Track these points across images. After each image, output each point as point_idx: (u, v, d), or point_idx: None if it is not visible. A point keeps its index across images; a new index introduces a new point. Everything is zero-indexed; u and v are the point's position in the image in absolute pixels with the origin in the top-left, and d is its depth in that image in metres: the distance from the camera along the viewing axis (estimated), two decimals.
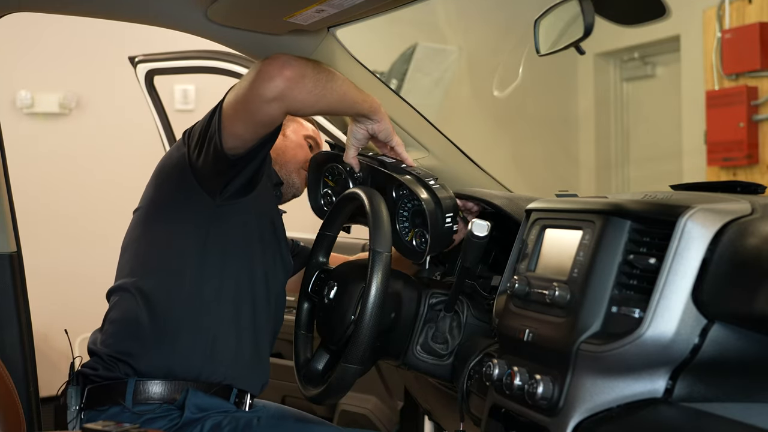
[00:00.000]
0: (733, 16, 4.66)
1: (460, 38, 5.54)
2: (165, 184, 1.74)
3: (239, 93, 1.54)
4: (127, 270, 1.72)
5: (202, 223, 1.68)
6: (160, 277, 1.67)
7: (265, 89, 1.48)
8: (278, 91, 1.48)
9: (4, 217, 1.91)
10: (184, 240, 1.69)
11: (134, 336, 1.64)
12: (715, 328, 1.02)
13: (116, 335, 1.66)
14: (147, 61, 2.83)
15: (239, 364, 1.69)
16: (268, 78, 1.48)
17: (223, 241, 1.69)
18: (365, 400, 2.51)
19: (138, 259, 1.72)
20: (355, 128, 1.71)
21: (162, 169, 1.77)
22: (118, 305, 1.69)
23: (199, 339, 1.65)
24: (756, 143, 4.58)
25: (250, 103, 1.52)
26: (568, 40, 1.55)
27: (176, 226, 1.70)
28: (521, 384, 1.20)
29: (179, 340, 1.64)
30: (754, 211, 1.07)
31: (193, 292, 1.66)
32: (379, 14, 1.80)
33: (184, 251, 1.68)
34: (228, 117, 1.57)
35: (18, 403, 1.61)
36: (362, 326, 1.42)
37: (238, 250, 1.71)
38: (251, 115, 1.53)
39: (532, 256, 1.32)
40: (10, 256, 1.88)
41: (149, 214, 1.75)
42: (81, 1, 1.87)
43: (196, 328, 1.65)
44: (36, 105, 4.33)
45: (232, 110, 1.56)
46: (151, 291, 1.66)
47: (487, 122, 5.62)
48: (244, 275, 1.71)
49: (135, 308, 1.65)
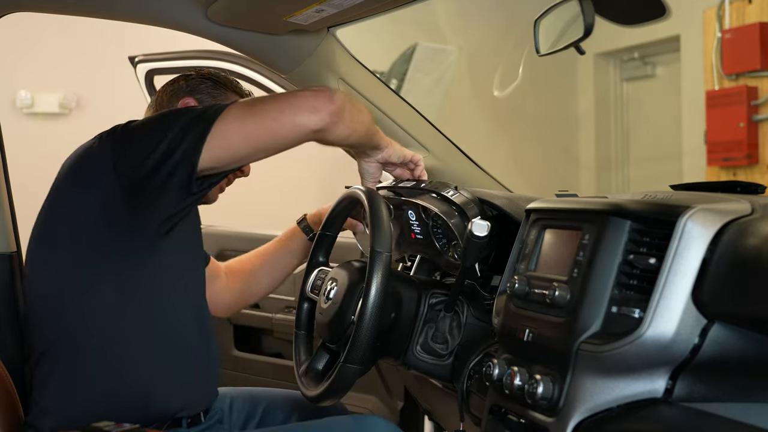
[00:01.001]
0: (733, 16, 4.66)
1: (460, 38, 5.54)
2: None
3: (266, 119, 1.42)
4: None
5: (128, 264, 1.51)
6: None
7: (308, 121, 1.42)
8: (323, 125, 1.44)
9: (4, 217, 1.91)
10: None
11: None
12: (715, 328, 1.02)
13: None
14: (147, 61, 2.83)
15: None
16: (312, 110, 1.42)
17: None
18: (365, 400, 2.51)
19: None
20: (365, 165, 1.66)
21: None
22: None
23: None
24: (756, 143, 4.59)
25: (285, 131, 1.44)
26: (568, 40, 1.55)
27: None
28: (521, 384, 1.20)
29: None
30: (754, 211, 1.07)
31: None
32: (379, 14, 1.80)
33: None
34: (228, 137, 1.42)
35: (18, 403, 1.61)
36: (362, 326, 1.42)
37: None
38: (274, 142, 1.45)
39: (532, 256, 1.32)
40: (10, 256, 1.88)
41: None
42: (81, 1, 1.87)
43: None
44: (36, 105, 4.33)
45: (243, 132, 1.43)
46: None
47: (487, 122, 5.62)
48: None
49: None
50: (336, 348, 1.60)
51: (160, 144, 1.40)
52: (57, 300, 1.50)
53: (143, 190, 1.43)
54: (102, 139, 1.50)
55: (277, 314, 2.75)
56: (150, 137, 1.43)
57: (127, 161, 1.44)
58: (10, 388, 1.60)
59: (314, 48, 1.90)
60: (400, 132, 2.09)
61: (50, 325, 1.51)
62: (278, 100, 1.45)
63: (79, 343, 1.49)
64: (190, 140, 1.40)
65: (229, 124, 1.41)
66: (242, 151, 1.44)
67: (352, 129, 1.49)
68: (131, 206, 1.44)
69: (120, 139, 1.47)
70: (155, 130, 1.43)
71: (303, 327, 1.76)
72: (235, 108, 1.43)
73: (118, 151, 1.46)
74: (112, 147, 1.46)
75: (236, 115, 1.42)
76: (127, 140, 1.46)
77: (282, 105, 1.44)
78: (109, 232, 1.47)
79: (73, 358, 1.50)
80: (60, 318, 1.50)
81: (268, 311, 2.78)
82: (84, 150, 1.54)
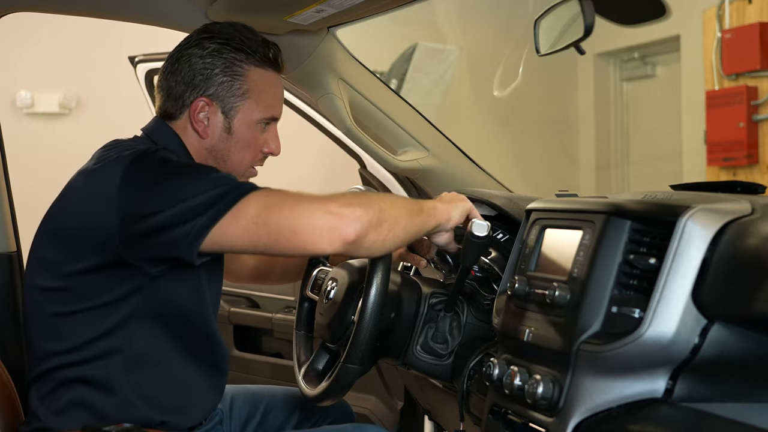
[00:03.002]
0: (733, 16, 4.66)
1: (460, 38, 5.54)
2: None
3: (278, 236, 1.31)
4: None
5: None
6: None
7: (319, 249, 1.31)
8: (335, 252, 1.33)
9: (4, 217, 1.91)
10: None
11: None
12: (715, 328, 1.02)
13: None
14: (147, 61, 2.83)
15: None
16: (327, 239, 1.30)
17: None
18: (365, 400, 2.51)
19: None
20: (437, 239, 1.53)
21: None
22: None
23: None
24: (756, 143, 4.59)
25: (293, 251, 1.33)
26: (568, 40, 1.55)
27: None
28: (521, 384, 1.20)
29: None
30: (754, 211, 1.07)
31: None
32: (379, 14, 1.80)
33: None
34: (234, 239, 1.32)
35: (18, 403, 1.61)
36: (362, 326, 1.42)
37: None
38: (281, 254, 1.41)
39: (532, 256, 1.32)
40: (9, 256, 1.89)
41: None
42: (81, 1, 1.87)
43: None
44: (36, 105, 4.33)
45: (251, 240, 1.32)
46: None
47: (487, 122, 5.62)
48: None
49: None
50: (336, 348, 1.60)
51: (169, 210, 1.33)
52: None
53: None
54: (123, 174, 1.40)
55: (277, 314, 2.75)
56: (163, 197, 1.36)
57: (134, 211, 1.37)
58: (10, 388, 1.60)
59: (314, 48, 1.90)
60: (401, 132, 2.09)
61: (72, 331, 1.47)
62: (295, 214, 1.30)
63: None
64: (196, 223, 1.32)
65: (239, 224, 1.31)
66: (244, 250, 1.41)
67: (385, 248, 1.37)
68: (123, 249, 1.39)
69: (134, 183, 1.40)
70: (173, 190, 1.36)
71: (303, 327, 1.76)
72: (252, 206, 1.32)
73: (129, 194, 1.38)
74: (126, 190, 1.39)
75: (250, 219, 1.31)
76: (142, 187, 1.39)
77: (297, 223, 1.29)
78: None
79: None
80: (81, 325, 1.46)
81: (268, 311, 2.78)
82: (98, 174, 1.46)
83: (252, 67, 1.57)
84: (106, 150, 1.51)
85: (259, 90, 1.58)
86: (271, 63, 1.60)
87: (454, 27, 5.58)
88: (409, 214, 1.40)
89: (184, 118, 1.57)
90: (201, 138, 1.57)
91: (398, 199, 1.44)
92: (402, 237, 1.38)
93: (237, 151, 1.59)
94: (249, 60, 1.57)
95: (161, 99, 1.59)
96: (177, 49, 1.59)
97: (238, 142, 1.58)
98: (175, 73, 1.56)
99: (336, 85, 1.99)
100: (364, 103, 2.05)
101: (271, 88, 1.60)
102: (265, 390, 1.86)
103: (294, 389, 1.80)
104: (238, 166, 1.60)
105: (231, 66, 1.55)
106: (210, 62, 1.54)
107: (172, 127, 1.58)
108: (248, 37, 1.58)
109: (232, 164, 1.59)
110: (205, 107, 1.55)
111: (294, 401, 1.81)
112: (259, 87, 1.58)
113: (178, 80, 1.56)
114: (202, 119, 1.56)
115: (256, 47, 1.57)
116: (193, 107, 1.55)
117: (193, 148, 1.58)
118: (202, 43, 1.56)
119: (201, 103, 1.55)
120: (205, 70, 1.55)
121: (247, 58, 1.56)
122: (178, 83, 1.56)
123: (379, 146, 2.11)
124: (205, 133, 1.56)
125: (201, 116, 1.56)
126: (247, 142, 1.59)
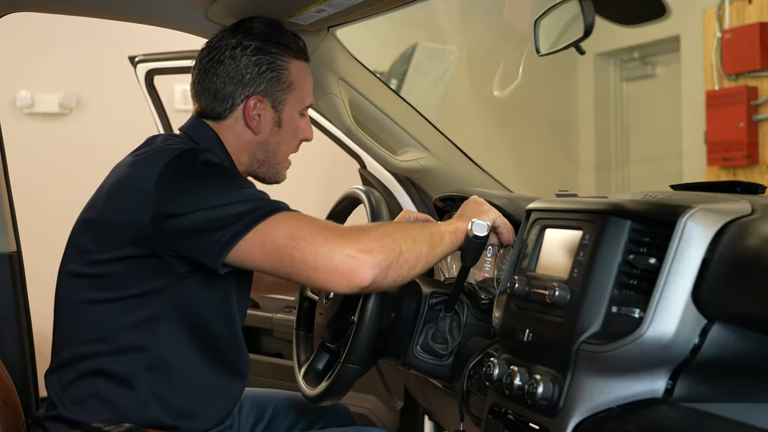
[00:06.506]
0: (733, 16, 4.66)
1: (460, 38, 5.54)
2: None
3: (300, 270, 1.34)
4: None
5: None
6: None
7: (336, 287, 1.34)
8: (359, 291, 1.36)
9: (4, 217, 1.91)
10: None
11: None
12: (715, 328, 1.02)
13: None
14: (147, 61, 2.83)
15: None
16: (345, 281, 1.33)
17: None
18: (365, 400, 2.51)
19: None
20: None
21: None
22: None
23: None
24: (756, 143, 4.58)
25: (310, 283, 1.36)
26: (568, 40, 1.55)
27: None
28: (521, 384, 1.20)
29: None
30: (754, 211, 1.07)
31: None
32: (379, 14, 1.81)
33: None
34: (256, 260, 1.37)
35: (18, 403, 1.61)
36: (362, 326, 1.42)
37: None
38: (303, 282, 1.38)
39: (532, 256, 1.32)
40: (10, 256, 1.89)
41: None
42: (81, 1, 1.87)
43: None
44: (36, 105, 4.33)
45: (272, 265, 1.36)
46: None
47: (487, 122, 5.62)
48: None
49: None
50: (336, 348, 1.60)
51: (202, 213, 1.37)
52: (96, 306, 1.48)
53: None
54: (159, 174, 1.43)
55: (277, 314, 2.75)
56: (198, 200, 1.39)
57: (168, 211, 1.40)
58: (10, 388, 1.60)
59: (314, 48, 1.90)
60: (401, 132, 2.09)
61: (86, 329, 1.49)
62: (320, 253, 1.32)
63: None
64: (224, 234, 1.35)
65: (265, 248, 1.35)
66: (264, 271, 1.41)
67: (403, 283, 1.40)
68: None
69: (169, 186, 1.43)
70: (210, 195, 1.39)
71: (303, 327, 1.76)
72: (281, 234, 1.35)
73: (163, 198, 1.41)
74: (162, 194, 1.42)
75: (277, 246, 1.34)
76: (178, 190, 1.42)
77: (319, 261, 1.32)
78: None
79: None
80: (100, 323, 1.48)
81: (268, 311, 2.78)
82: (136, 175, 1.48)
83: (292, 59, 1.64)
84: (148, 144, 1.57)
85: (300, 81, 1.65)
86: (304, 53, 1.67)
87: (454, 27, 5.57)
88: (431, 249, 1.42)
89: (233, 117, 1.61)
90: (254, 134, 1.61)
91: (421, 234, 1.43)
92: (420, 270, 1.41)
93: (286, 142, 1.65)
94: (288, 53, 1.63)
95: (206, 100, 1.62)
96: (213, 50, 1.62)
97: (287, 133, 1.65)
98: (220, 74, 1.60)
99: (336, 85, 1.99)
100: (364, 103, 2.05)
101: (308, 77, 1.68)
102: (271, 394, 1.86)
103: (298, 394, 1.80)
104: (285, 155, 1.67)
105: (275, 61, 1.61)
106: (256, 60, 1.60)
107: (212, 127, 1.61)
108: (282, 30, 1.64)
109: (282, 155, 1.66)
110: (257, 104, 1.60)
111: (299, 406, 1.81)
112: (300, 78, 1.65)
113: (226, 81, 1.60)
114: (255, 116, 1.60)
115: (291, 40, 1.64)
116: (247, 105, 1.60)
117: (237, 145, 1.61)
118: (242, 42, 1.60)
119: (254, 100, 1.60)
120: (253, 68, 1.60)
121: (287, 52, 1.63)
122: (226, 84, 1.60)
123: (379, 146, 2.11)
124: (258, 129, 1.61)
125: (254, 113, 1.60)
126: (294, 132, 1.66)
